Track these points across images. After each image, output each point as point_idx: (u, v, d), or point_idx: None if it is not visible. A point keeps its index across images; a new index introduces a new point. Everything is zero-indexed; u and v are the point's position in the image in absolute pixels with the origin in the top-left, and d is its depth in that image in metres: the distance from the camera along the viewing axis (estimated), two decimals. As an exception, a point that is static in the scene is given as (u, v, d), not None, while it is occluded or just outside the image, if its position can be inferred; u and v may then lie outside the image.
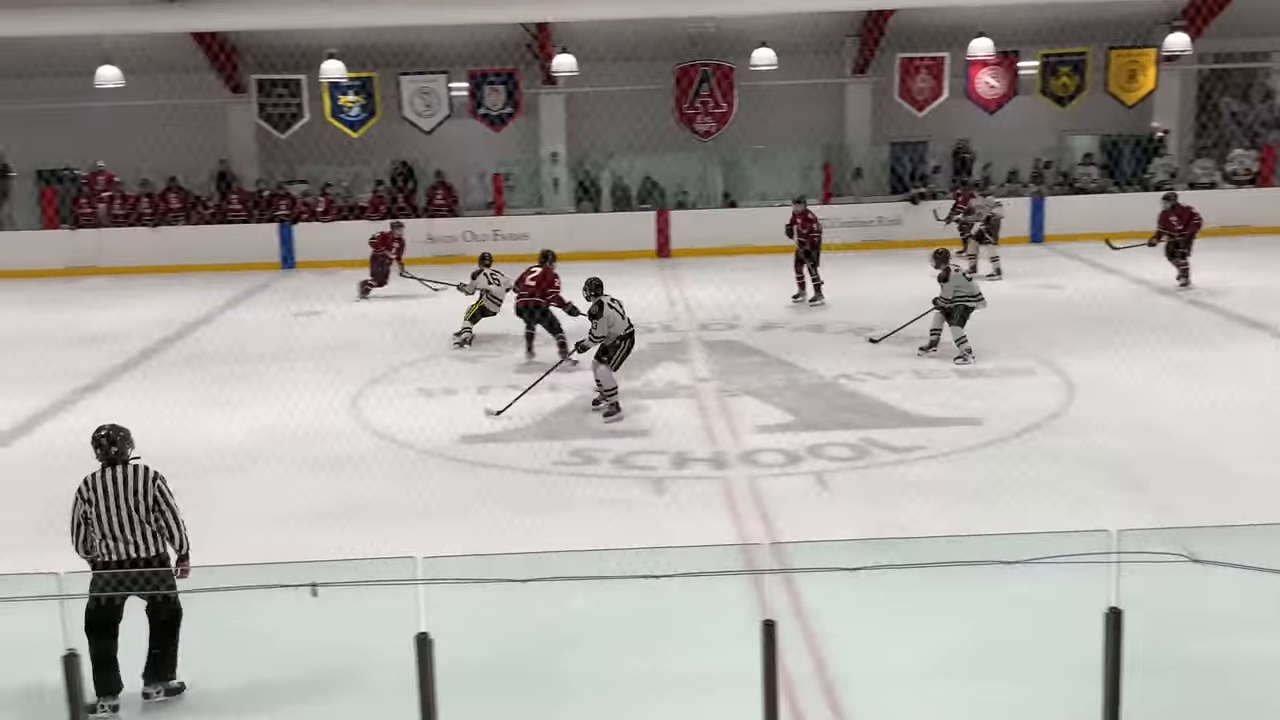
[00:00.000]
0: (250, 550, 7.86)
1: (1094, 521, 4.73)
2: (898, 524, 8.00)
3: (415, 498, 8.94)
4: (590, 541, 7.76)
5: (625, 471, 9.69)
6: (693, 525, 8.28)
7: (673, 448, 10.19)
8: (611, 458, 10.01)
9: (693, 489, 9.24)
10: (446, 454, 10.17)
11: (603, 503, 8.93)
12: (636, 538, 8.03)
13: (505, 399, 11.47)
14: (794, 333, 14.80)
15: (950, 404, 11.13)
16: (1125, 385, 11.47)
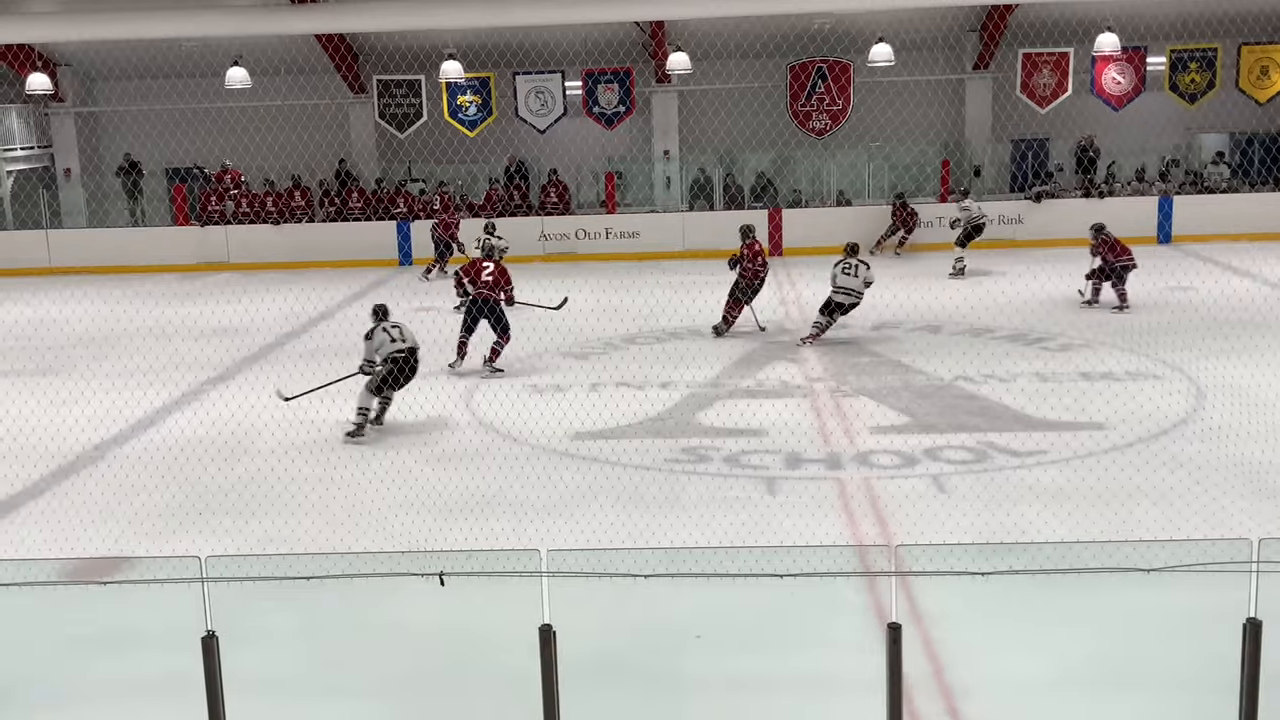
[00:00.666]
0: (382, 538, 8.06)
1: (1226, 530, 4.57)
2: (1018, 529, 7.82)
3: (532, 492, 9.04)
4: (703, 539, 7.77)
5: (737, 470, 9.65)
6: (806, 525, 8.21)
7: (786, 448, 10.12)
8: (723, 456, 9.98)
9: (806, 489, 9.16)
10: (559, 449, 10.25)
11: (715, 501, 8.91)
12: (749, 537, 8.02)
13: (615, 397, 11.52)
14: (909, 333, 14.59)
15: (1074, 408, 10.87)
16: (1259, 390, 11.08)
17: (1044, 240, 20.45)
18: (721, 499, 8.97)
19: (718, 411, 11.34)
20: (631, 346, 14.40)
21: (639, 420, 11.05)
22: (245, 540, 8.10)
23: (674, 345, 14.31)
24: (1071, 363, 12.63)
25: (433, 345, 14.26)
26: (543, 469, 9.63)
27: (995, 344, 13.70)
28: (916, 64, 21.80)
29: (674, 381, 12.39)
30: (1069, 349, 13.29)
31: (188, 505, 9.12)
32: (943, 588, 5.77)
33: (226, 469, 9.91)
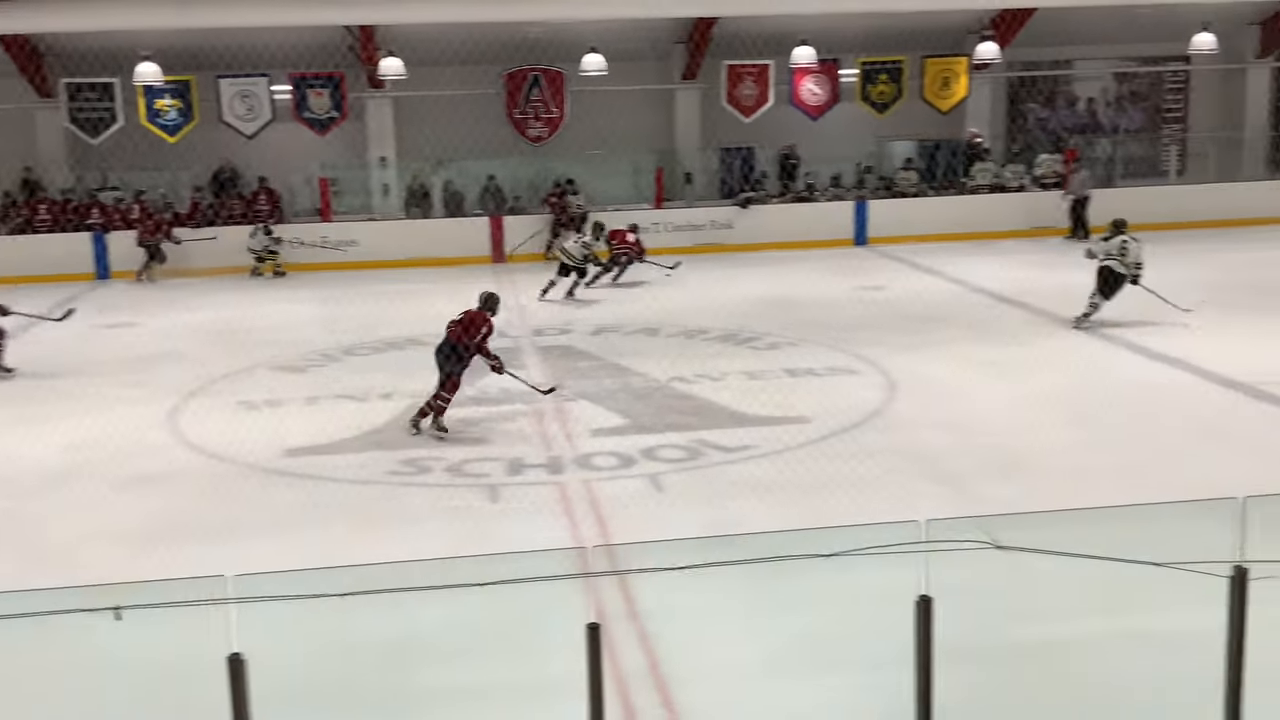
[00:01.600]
0: (65, 573, 7.53)
1: (910, 514, 4.91)
2: (730, 522, 8.13)
3: (238, 514, 8.69)
4: (424, 551, 7.68)
5: (459, 480, 9.61)
6: (529, 531, 8.26)
7: (507, 454, 10.16)
8: (445, 466, 9.92)
9: (528, 495, 9.22)
10: (271, 468, 9.91)
11: (437, 511, 8.84)
12: (472, 546, 7.98)
13: (333, 411, 11.26)
14: (627, 336, 14.92)
15: (780, 403, 11.38)
16: (943, 381, 11.94)
17: (752, 244, 21.36)
18: (443, 509, 8.91)
19: (440, 421, 11.23)
20: (350, 358, 14.10)
21: (359, 434, 10.83)
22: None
23: (395, 355, 14.10)
24: (778, 360, 13.24)
25: (127, 363, 13.49)
26: (254, 489, 9.29)
27: (708, 344, 14.21)
28: (628, 74, 22.29)
29: (395, 392, 12.20)
30: (776, 347, 13.92)
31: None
32: (659, 585, 5.94)
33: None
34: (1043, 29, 22.52)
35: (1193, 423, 10.07)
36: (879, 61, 22.86)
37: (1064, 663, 6.09)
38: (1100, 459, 9.39)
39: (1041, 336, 14.04)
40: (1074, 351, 12.90)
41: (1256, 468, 8.89)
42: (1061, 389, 11.43)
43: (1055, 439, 9.89)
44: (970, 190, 23.24)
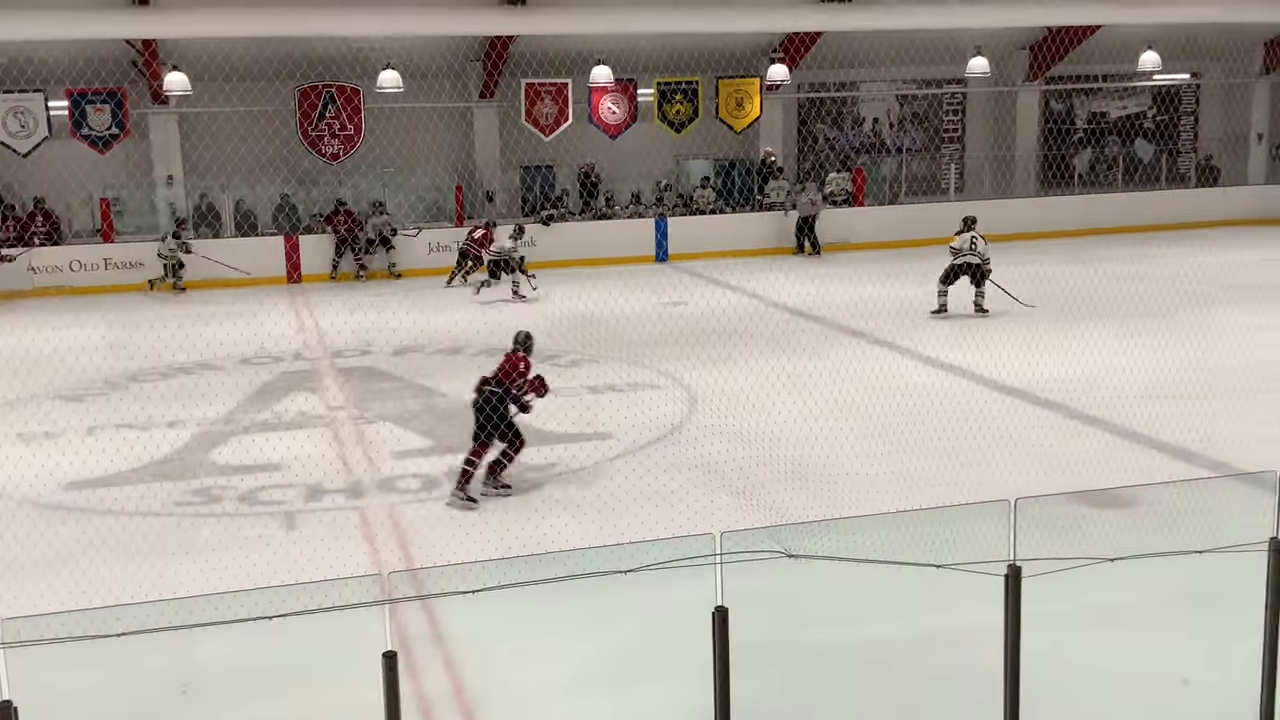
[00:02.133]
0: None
1: (711, 525, 5.00)
2: (535, 541, 8.10)
3: (12, 553, 8.17)
4: (214, 585, 7.37)
5: (253, 508, 9.28)
6: (328, 559, 8.03)
7: (305, 480, 9.86)
8: (237, 495, 9.56)
9: (327, 521, 8.98)
10: (49, 502, 9.36)
11: (229, 543, 8.51)
12: (266, 577, 7.71)
13: (115, 441, 10.72)
14: (430, 356, 14.73)
15: (583, 420, 11.43)
16: (742, 394, 12.20)
17: (555, 261, 21.40)
18: (236, 540, 8.58)
19: (231, 448, 10.85)
20: (135, 385, 13.47)
21: (143, 464, 10.33)
22: None
23: (183, 381, 13.54)
24: (580, 377, 13.29)
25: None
26: (28, 525, 8.74)
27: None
28: (426, 91, 22.07)
29: (183, 420, 11.71)
30: (578, 364, 13.97)
31: None
32: (463, 607, 5.85)
33: None
34: (829, 52, 23.37)
35: (977, 429, 10.56)
36: (675, 81, 23.29)
37: (855, 665, 6.31)
38: (891, 467, 9.76)
39: (836, 348, 14.51)
40: (867, 363, 13.36)
41: (1035, 471, 9.40)
42: (855, 400, 11.83)
43: (849, 449, 10.22)
44: (765, 207, 23.88)
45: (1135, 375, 12.41)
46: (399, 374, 13.79)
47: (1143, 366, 12.75)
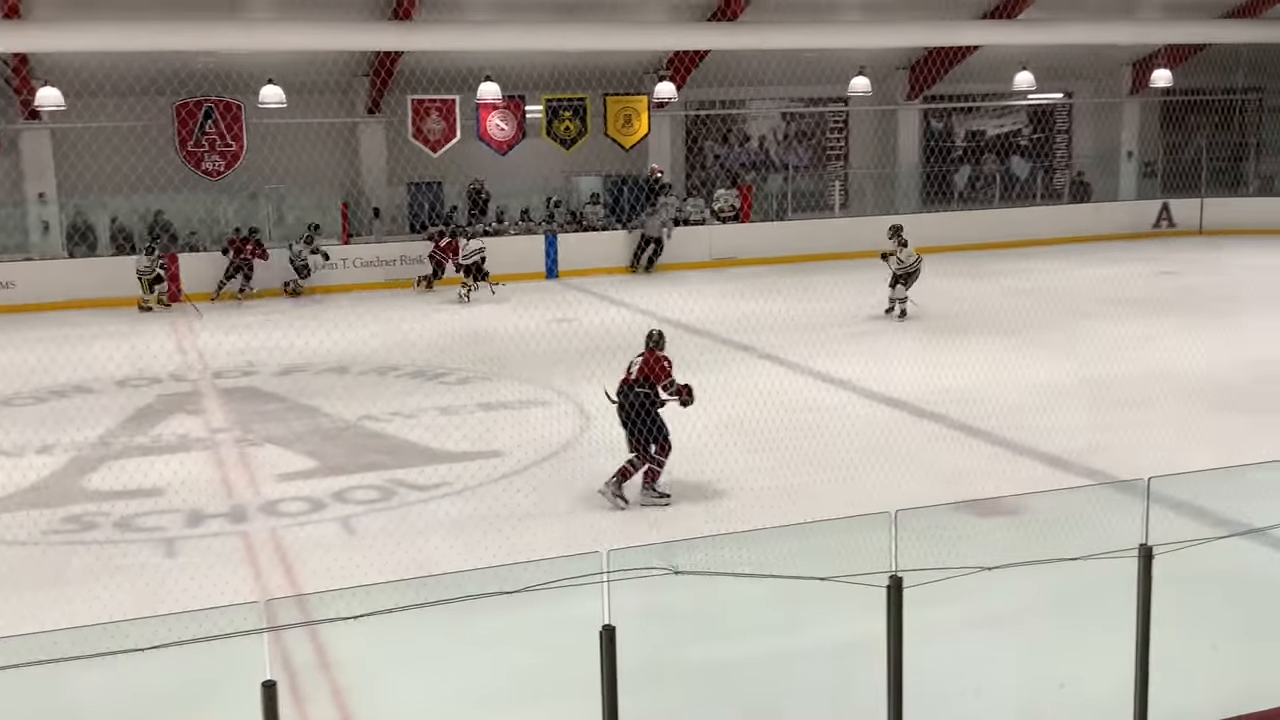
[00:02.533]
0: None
1: (603, 542, 4.98)
2: (423, 564, 7.98)
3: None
4: (89, 616, 7.12)
5: (131, 535, 8.99)
6: (209, 586, 7.82)
7: (185, 505, 9.59)
8: (114, 521, 9.25)
9: (209, 547, 8.74)
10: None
11: (105, 571, 8.22)
12: (145, 606, 7.47)
13: None
14: (316, 375, 14.46)
15: (474, 438, 11.32)
16: (633, 410, 12.18)
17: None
18: (112, 569, 8.30)
19: (107, 473, 10.51)
20: (6, 409, 12.97)
21: (11, 492, 9.94)
22: None
23: (56, 405, 13.09)
24: (471, 395, 13.18)
25: None
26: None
27: (400, 381, 13.98)
28: (310, 107, 21.74)
29: (55, 444, 11.32)
30: (468, 382, 13.86)
31: None
32: (351, 633, 5.75)
33: None
34: (715, 70, 23.64)
35: (863, 442, 10.73)
36: (563, 99, 23.30)
37: (742, 680, 6.34)
38: (778, 481, 9.85)
39: (726, 364, 14.62)
40: (754, 377, 13.48)
41: (920, 481, 9.57)
42: (744, 414, 11.92)
43: (737, 464, 10.29)
44: (658, 224, 23.97)
45: (1016, 386, 12.75)
46: (283, 394, 13.51)
47: (1023, 378, 13.11)
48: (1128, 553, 5.07)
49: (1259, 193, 27.89)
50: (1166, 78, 25.85)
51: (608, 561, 4.21)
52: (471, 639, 6.47)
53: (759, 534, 4.81)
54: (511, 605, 4.47)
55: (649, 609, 6.14)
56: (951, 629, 6.43)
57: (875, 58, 24.73)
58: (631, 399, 9.34)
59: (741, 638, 6.63)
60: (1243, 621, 7.20)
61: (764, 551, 4.70)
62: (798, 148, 27.27)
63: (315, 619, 5.62)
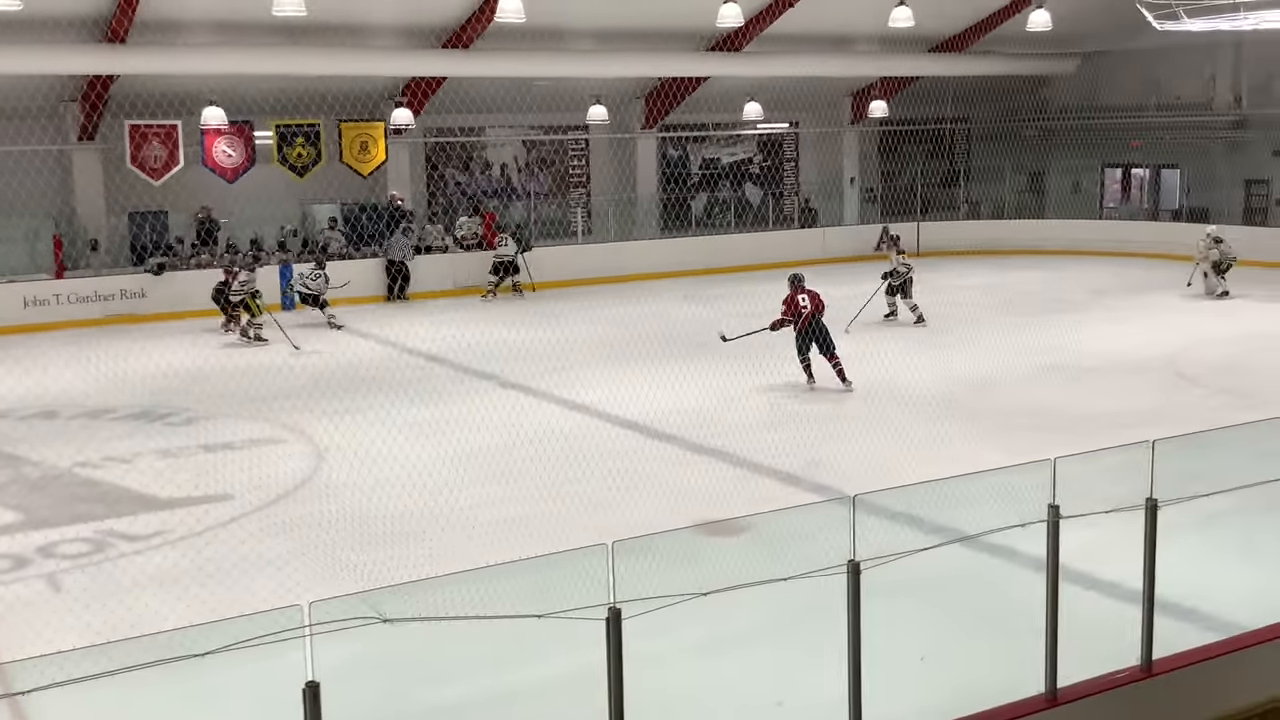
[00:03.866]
0: None
1: (322, 590, 4.76)
2: (132, 622, 7.46)
3: None
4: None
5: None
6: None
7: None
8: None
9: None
10: None
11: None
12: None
13: None
14: (20, 421, 13.40)
15: (197, 482, 10.75)
16: (372, 446, 11.85)
17: (169, 313, 20.17)
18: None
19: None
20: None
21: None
22: None
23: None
24: (195, 436, 12.52)
25: None
26: None
27: (116, 424, 13.14)
28: (18, 134, 20.28)
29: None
30: (193, 422, 13.16)
31: None
32: (53, 702, 5.30)
33: None
34: (454, 97, 23.45)
35: (602, 468, 10.78)
36: (295, 124, 22.60)
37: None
38: (516, 511, 9.77)
39: (469, 393, 14.44)
40: (499, 406, 13.38)
41: (657, 504, 9.69)
42: (487, 444, 11.80)
43: (477, 496, 10.16)
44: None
45: (745, 405, 13.12)
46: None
47: (752, 397, 13.52)
48: (838, 569, 5.23)
49: (968, 216, 29.84)
50: (882, 108, 27.39)
51: (309, 614, 4.01)
52: (178, 701, 6.07)
53: (479, 573, 4.71)
54: (215, 665, 4.19)
55: (366, 659, 5.93)
56: (674, 655, 6.50)
57: (611, 87, 25.14)
58: (817, 324, 14.11)
59: (460, 680, 6.49)
60: (955, 627, 7.59)
61: (481, 590, 4.59)
62: (540, 175, 27.39)
63: (15, 690, 5.14)
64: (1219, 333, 17.52)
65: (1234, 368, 15.18)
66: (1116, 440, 7.35)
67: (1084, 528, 6.02)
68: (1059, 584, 5.92)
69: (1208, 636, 6.75)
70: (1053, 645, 5.85)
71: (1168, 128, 27.42)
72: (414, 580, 4.55)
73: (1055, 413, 12.70)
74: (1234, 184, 26.78)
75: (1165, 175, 28.94)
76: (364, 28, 21.74)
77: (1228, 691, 6.46)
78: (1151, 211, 28.91)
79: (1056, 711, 5.84)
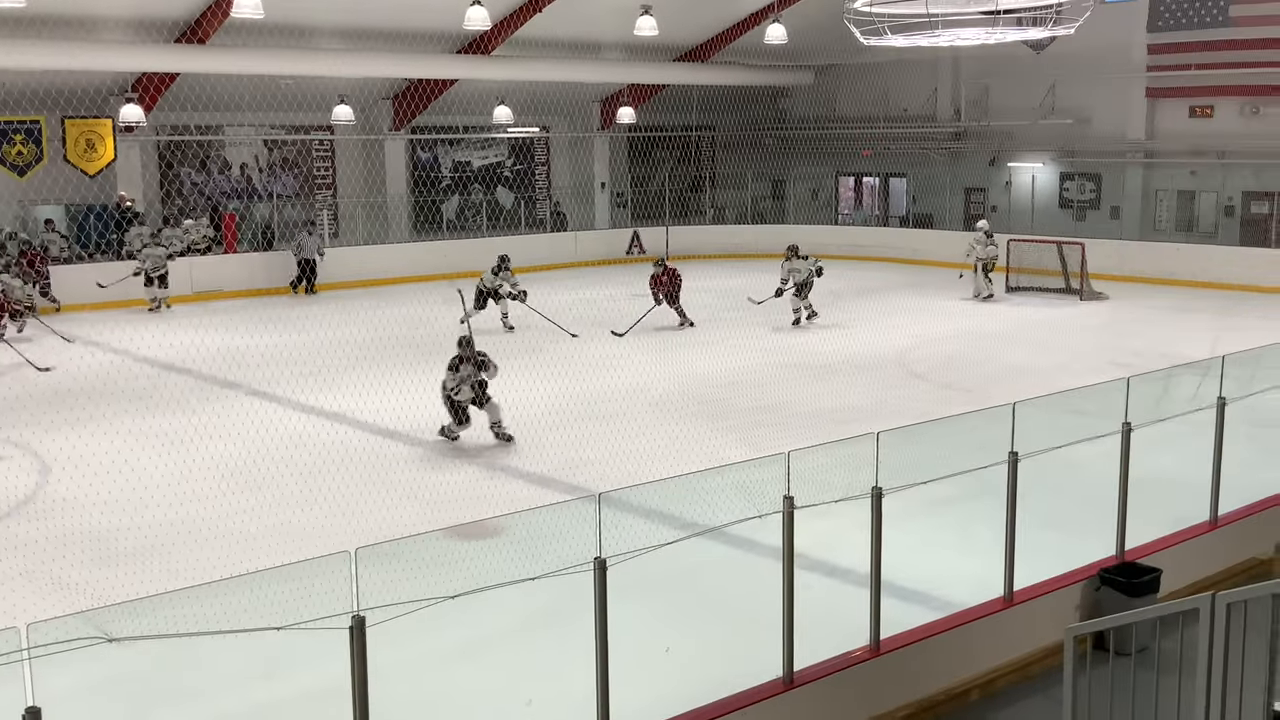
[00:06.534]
0: None
1: (49, 610, 4.50)
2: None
3: None
4: None
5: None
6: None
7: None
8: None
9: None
10: None
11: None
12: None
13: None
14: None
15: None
16: (106, 458, 11.22)
17: None
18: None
19: None
20: None
21: None
22: None
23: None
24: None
25: None
26: None
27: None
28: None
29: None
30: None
31: None
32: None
33: None
34: (189, 94, 22.46)
35: (357, 474, 10.59)
36: (14, 121, 21.15)
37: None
38: (267, 520, 9.50)
39: (210, 402, 13.90)
40: (246, 414, 12.91)
41: (412, 508, 9.60)
42: (233, 454, 11.38)
43: (227, 506, 9.81)
44: (126, 255, 22.33)
45: (503, 407, 13.13)
46: None
47: (511, 398, 13.55)
48: (584, 567, 5.34)
49: (714, 221, 30.84)
50: (630, 115, 27.96)
51: (27, 637, 3.80)
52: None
53: (217, 586, 4.56)
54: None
55: (99, 683, 5.66)
56: (426, 662, 6.49)
57: (358, 87, 24.68)
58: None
59: (200, 698, 6.29)
60: (700, 619, 7.87)
61: (226, 604, 4.45)
62: (283, 175, 26.56)
63: None
64: (944, 331, 18.74)
65: (954, 363, 16.28)
66: (849, 433, 7.77)
67: (818, 517, 6.35)
68: (794, 572, 6.21)
69: (930, 615, 7.23)
70: (789, 630, 6.14)
71: (895, 138, 29.13)
72: (144, 597, 4.36)
73: (794, 408, 13.30)
74: (955, 191, 28.70)
75: (894, 183, 30.73)
76: (90, 19, 20.57)
77: (950, 666, 6.94)
78: (882, 218, 30.64)
79: (793, 693, 6.14)
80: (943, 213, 28.43)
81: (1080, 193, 27.16)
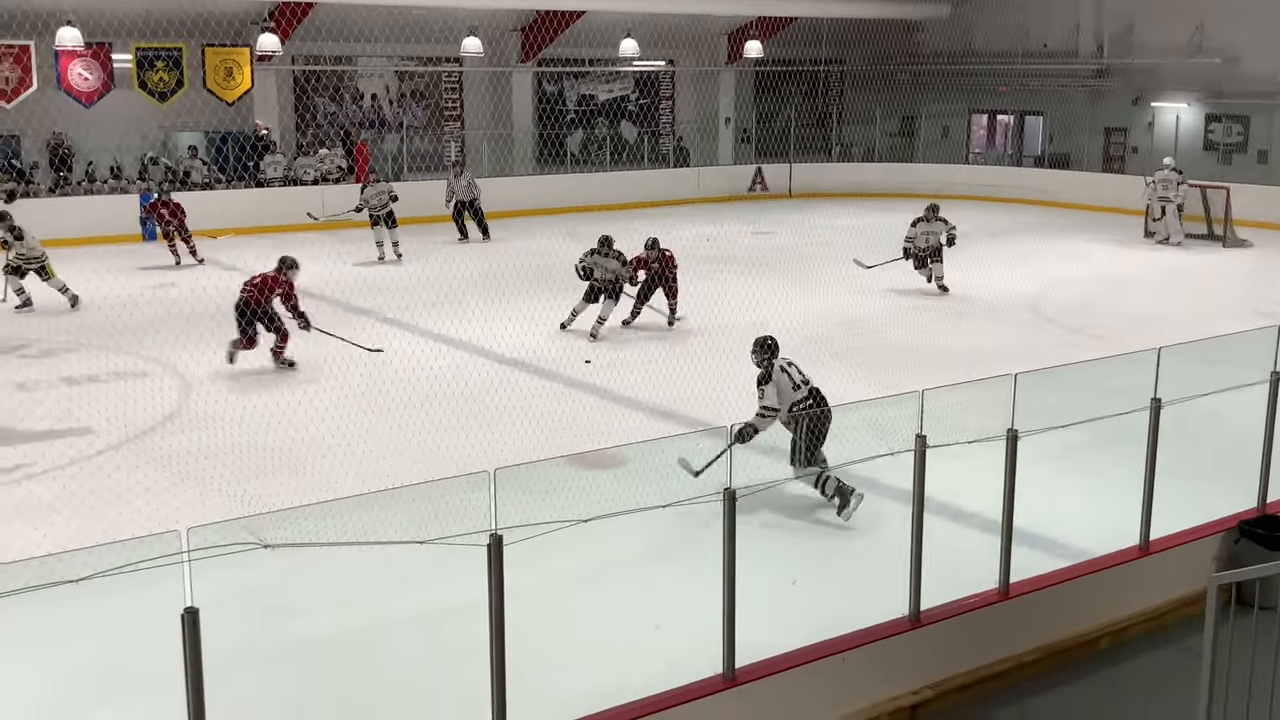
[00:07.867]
0: None
1: (193, 519, 4.69)
2: None
3: None
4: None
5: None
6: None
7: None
8: None
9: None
10: None
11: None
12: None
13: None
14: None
15: (58, 415, 10.42)
16: (239, 380, 11.61)
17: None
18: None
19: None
20: None
21: None
22: None
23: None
24: (55, 368, 12.11)
25: None
26: None
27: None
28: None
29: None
30: (52, 354, 12.72)
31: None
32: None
33: None
34: (323, 24, 22.81)
35: (482, 401, 10.77)
36: (156, 48, 21.68)
37: (344, 652, 6.22)
38: (398, 443, 9.72)
39: (343, 328, 14.18)
40: (376, 341, 13.18)
41: (536, 436, 9.73)
42: (364, 378, 11.66)
43: (358, 427, 10.06)
44: (265, 183, 22.91)
45: (622, 340, 13.20)
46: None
47: (628, 332, 13.60)
48: (713, 497, 5.36)
49: (840, 158, 30.31)
50: (758, 48, 27.52)
51: (187, 540, 3.96)
52: (47, 632, 5.97)
53: (359, 500, 4.69)
54: (87, 593, 4.12)
55: (244, 588, 5.89)
56: (554, 583, 6.60)
57: (487, 18, 24.73)
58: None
59: (342, 609, 6.49)
60: (824, 554, 7.85)
61: (362, 519, 4.58)
62: (413, 107, 26.87)
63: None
64: (1078, 274, 18.19)
65: (1087, 308, 15.81)
66: (978, 375, 7.62)
67: (944, 459, 6.25)
68: (924, 510, 6.15)
69: (1056, 562, 7.10)
70: (916, 569, 6.09)
71: (1034, 75, 28.17)
72: (295, 506, 4.51)
73: (918, 349, 13.09)
74: (1095, 131, 27.70)
75: (1029, 122, 29.78)
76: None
77: (1081, 613, 6.82)
78: (1015, 158, 29.76)
79: (919, 631, 6.10)
80: (1080, 153, 27.47)
81: (1226, 135, 25.99)
